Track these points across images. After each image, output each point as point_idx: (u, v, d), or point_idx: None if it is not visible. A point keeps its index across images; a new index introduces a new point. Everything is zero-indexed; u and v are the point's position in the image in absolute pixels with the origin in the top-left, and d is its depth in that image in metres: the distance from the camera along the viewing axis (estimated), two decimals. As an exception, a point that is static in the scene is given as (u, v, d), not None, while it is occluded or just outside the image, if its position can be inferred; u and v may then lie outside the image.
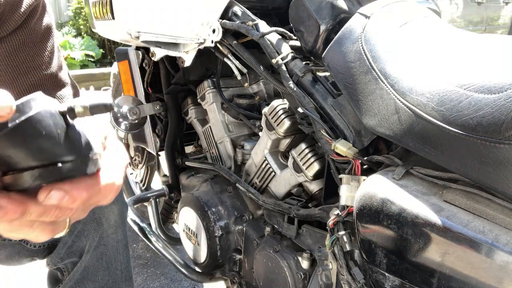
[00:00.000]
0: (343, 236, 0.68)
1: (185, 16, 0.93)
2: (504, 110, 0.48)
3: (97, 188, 0.39)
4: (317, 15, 0.83)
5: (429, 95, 0.58)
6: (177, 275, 1.57)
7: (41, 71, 0.71)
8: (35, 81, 0.71)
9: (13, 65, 0.68)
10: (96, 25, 1.05)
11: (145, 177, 1.77)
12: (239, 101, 1.14)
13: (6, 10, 0.64)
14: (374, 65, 0.68)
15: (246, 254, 1.05)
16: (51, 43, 0.73)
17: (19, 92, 0.70)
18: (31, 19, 0.68)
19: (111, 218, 0.86)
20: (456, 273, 0.52)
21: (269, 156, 1.01)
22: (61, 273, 0.88)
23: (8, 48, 0.67)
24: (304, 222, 0.90)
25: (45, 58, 0.71)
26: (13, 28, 0.66)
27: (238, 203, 1.09)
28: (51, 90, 0.73)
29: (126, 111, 1.25)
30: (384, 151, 0.77)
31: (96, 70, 5.05)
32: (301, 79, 0.84)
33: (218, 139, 1.19)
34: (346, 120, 0.78)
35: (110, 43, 5.63)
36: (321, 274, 0.78)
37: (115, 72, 1.72)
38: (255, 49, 0.98)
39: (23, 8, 0.65)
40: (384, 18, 0.74)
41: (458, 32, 0.72)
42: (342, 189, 0.71)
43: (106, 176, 0.41)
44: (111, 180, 0.41)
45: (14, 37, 0.67)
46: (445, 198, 0.56)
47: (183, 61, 1.03)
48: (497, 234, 0.49)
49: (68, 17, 6.17)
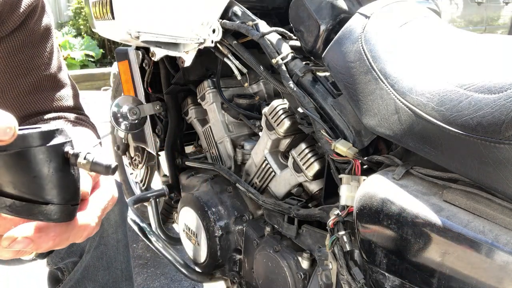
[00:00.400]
0: (343, 236, 0.68)
1: (185, 16, 0.93)
2: (504, 110, 0.48)
3: (66, 235, 0.38)
4: (317, 15, 0.83)
5: (429, 95, 0.58)
6: (177, 275, 1.57)
7: (40, 72, 0.71)
8: (34, 82, 0.70)
9: (12, 66, 0.68)
10: (96, 25, 1.05)
11: (145, 177, 1.77)
12: (239, 101, 1.14)
13: (4, 11, 0.63)
14: (374, 65, 0.68)
15: (246, 254, 1.05)
16: (50, 43, 0.73)
17: (19, 93, 0.70)
18: (30, 19, 0.67)
19: (111, 217, 0.86)
20: (456, 273, 0.52)
21: (269, 156, 1.01)
22: (61, 272, 0.88)
23: (7, 49, 0.66)
24: (304, 222, 0.90)
25: (44, 59, 0.71)
26: (12, 28, 0.65)
27: (238, 203, 1.09)
28: (50, 91, 0.73)
29: (126, 111, 1.25)
30: (384, 151, 0.77)
31: (96, 70, 5.06)
32: (301, 79, 0.84)
33: (218, 139, 1.19)
34: (346, 120, 0.78)
35: (110, 43, 5.63)
36: (321, 274, 0.78)
37: (115, 72, 1.72)
38: (255, 49, 0.98)
39: (22, 8, 0.65)
40: (384, 18, 0.74)
41: (458, 32, 0.72)
42: (342, 189, 0.71)
43: (83, 217, 0.40)
44: (87, 221, 0.40)
45: (13, 37, 0.66)
46: (445, 198, 0.56)
47: (183, 61, 1.03)
48: (497, 234, 0.49)
49: (68, 17, 6.17)
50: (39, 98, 0.71)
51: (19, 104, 0.70)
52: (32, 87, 0.70)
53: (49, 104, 0.72)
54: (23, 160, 0.33)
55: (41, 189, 0.35)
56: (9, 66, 0.68)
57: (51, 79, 0.73)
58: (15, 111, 0.70)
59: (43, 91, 0.72)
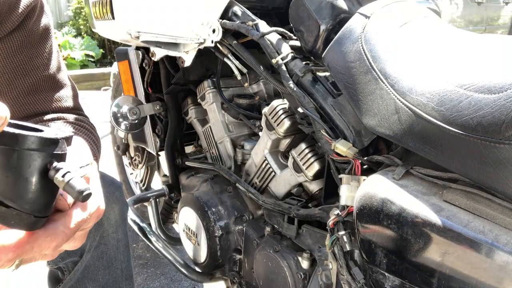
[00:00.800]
0: (343, 236, 0.68)
1: (185, 16, 0.93)
2: (504, 110, 0.48)
3: (29, 246, 0.37)
4: (317, 15, 0.83)
5: (429, 95, 0.58)
6: (177, 275, 1.57)
7: (39, 72, 0.70)
8: (34, 82, 0.70)
9: (11, 66, 0.67)
10: (96, 25, 1.05)
11: (145, 177, 1.77)
12: (239, 101, 1.14)
13: (3, 11, 0.63)
14: (374, 65, 0.68)
15: (246, 254, 1.05)
16: (50, 44, 0.72)
17: (18, 94, 0.69)
18: (29, 20, 0.67)
19: (111, 217, 0.86)
20: (456, 273, 0.52)
21: (269, 156, 1.01)
22: (61, 272, 0.89)
23: (6, 49, 0.66)
24: (304, 222, 0.90)
25: (44, 59, 0.71)
26: (10, 29, 0.65)
27: (238, 203, 1.09)
28: (50, 92, 0.72)
29: (126, 111, 1.25)
30: (384, 151, 0.77)
31: (96, 70, 5.06)
32: (301, 79, 0.84)
33: (218, 139, 1.19)
34: (346, 120, 0.78)
35: (110, 43, 5.63)
36: (321, 274, 0.78)
37: (115, 72, 1.72)
38: (255, 49, 0.98)
39: (20, 8, 0.64)
40: (384, 18, 0.74)
41: (458, 32, 0.72)
42: (342, 189, 0.71)
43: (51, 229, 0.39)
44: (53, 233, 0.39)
45: (12, 38, 0.66)
46: (445, 198, 0.56)
47: (183, 61, 1.03)
48: (497, 234, 0.49)
49: (68, 17, 6.17)
50: (39, 99, 0.71)
51: (18, 105, 0.70)
52: (31, 88, 0.70)
53: (49, 105, 0.72)
54: (4, 157, 0.33)
55: (9, 191, 0.34)
56: (8, 67, 0.67)
57: (50, 79, 0.72)
58: (15, 112, 0.70)
59: (42, 92, 0.71)
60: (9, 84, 0.68)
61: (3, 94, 0.69)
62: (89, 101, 0.85)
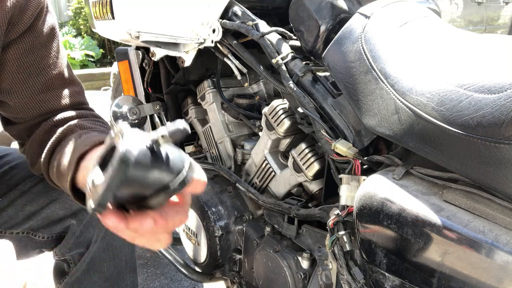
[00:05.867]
0: (343, 236, 0.68)
1: (185, 16, 0.93)
2: (504, 110, 0.48)
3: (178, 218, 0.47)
4: (317, 15, 0.83)
5: (429, 95, 0.58)
6: (177, 275, 1.57)
7: (50, 71, 0.73)
8: (45, 81, 0.73)
9: (24, 66, 0.70)
10: (96, 25, 1.05)
11: (145, 177, 1.77)
12: (239, 101, 1.14)
13: (15, 13, 0.65)
14: (374, 65, 0.68)
15: (246, 254, 1.05)
16: (56, 43, 0.75)
17: (33, 92, 0.72)
18: (37, 21, 0.69)
19: None
20: (456, 273, 0.52)
21: (269, 156, 1.01)
22: (67, 264, 0.89)
23: (18, 50, 0.69)
24: (304, 222, 0.90)
25: (52, 58, 0.74)
26: (22, 30, 0.67)
27: (238, 203, 1.09)
28: (60, 89, 0.75)
29: (126, 111, 1.25)
30: (384, 151, 0.77)
31: (96, 70, 5.06)
32: (301, 79, 0.84)
33: (218, 139, 1.19)
34: (346, 120, 0.78)
35: (110, 43, 5.63)
36: (321, 274, 0.78)
37: (115, 72, 1.72)
38: (255, 49, 0.98)
39: (30, 10, 0.67)
40: (384, 18, 0.74)
41: (458, 32, 0.72)
42: (342, 189, 0.71)
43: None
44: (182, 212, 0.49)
45: (23, 39, 0.69)
46: (445, 198, 0.56)
47: (183, 61, 1.03)
48: (497, 234, 0.49)
49: (68, 17, 6.17)
50: (52, 96, 0.73)
51: (34, 102, 0.72)
52: (44, 86, 0.73)
53: (61, 102, 0.75)
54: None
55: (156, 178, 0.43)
56: (21, 66, 0.70)
57: (60, 77, 0.75)
58: (31, 110, 0.73)
59: (54, 89, 0.74)
60: (23, 83, 0.71)
61: (18, 92, 0.71)
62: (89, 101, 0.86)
